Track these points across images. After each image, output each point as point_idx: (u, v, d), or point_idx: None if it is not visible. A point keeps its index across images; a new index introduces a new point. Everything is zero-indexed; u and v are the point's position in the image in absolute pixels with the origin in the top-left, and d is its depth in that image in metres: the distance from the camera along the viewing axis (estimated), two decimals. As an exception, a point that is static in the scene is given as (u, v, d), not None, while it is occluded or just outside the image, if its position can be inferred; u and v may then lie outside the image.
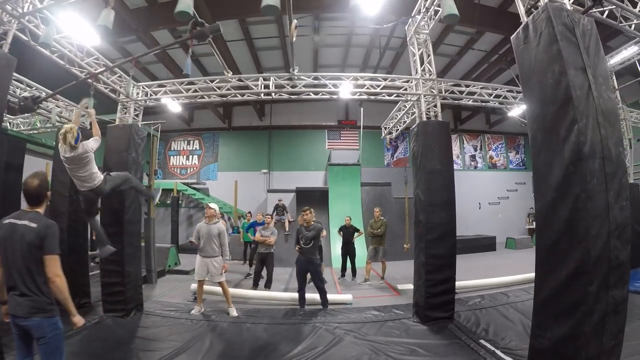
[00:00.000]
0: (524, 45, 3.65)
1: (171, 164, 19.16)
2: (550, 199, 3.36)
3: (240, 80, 6.31)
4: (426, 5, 5.60)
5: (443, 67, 14.04)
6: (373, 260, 9.06)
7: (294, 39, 4.61)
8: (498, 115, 18.80)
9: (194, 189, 17.60)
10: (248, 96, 6.46)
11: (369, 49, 13.14)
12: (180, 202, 16.70)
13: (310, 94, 6.43)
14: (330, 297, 7.31)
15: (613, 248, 3.00)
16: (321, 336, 4.99)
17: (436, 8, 5.53)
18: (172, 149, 19.28)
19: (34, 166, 9.50)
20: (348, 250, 9.55)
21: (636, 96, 12.50)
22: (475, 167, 19.46)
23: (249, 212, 13.45)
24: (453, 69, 14.13)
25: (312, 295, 6.76)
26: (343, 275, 9.68)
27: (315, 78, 6.32)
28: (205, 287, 6.73)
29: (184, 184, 17.46)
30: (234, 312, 6.07)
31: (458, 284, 7.92)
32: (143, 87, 6.97)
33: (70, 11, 5.15)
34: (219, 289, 6.47)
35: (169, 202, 16.88)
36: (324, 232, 9.37)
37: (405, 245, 9.42)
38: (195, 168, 19.00)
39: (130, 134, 6.35)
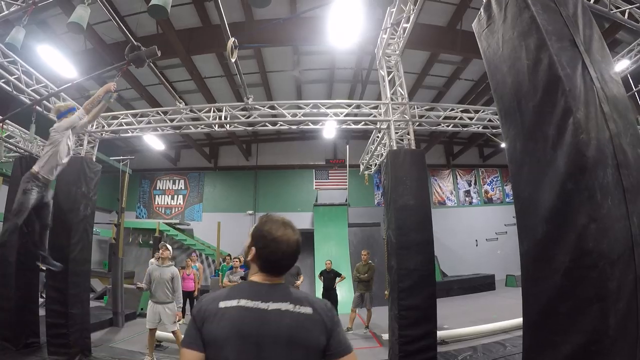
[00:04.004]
0: (488, 28, 2.70)
1: (156, 203, 18.50)
2: (541, 236, 2.28)
3: (192, 111, 5.73)
4: (391, 22, 5.06)
5: (431, 100, 13.64)
6: (359, 307, 8.27)
7: (233, 59, 4.07)
8: (491, 147, 18.30)
9: (178, 229, 16.84)
10: (202, 128, 5.88)
11: (353, 84, 12.78)
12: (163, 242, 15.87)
13: (267, 124, 5.83)
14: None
15: None
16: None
17: (404, 25, 5.01)
18: (158, 188, 18.70)
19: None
20: (329, 297, 8.71)
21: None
22: (471, 203, 18.66)
23: (229, 255, 12.64)
24: (441, 102, 13.67)
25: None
26: (324, 324, 8.71)
27: (272, 107, 5.74)
28: (165, 335, 6.27)
29: (167, 224, 16.68)
30: None
31: (448, 333, 7.10)
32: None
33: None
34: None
35: (151, 242, 16.09)
36: (301, 278, 8.59)
37: (386, 292, 8.49)
38: (180, 208, 18.31)
39: (81, 167, 6.07)
